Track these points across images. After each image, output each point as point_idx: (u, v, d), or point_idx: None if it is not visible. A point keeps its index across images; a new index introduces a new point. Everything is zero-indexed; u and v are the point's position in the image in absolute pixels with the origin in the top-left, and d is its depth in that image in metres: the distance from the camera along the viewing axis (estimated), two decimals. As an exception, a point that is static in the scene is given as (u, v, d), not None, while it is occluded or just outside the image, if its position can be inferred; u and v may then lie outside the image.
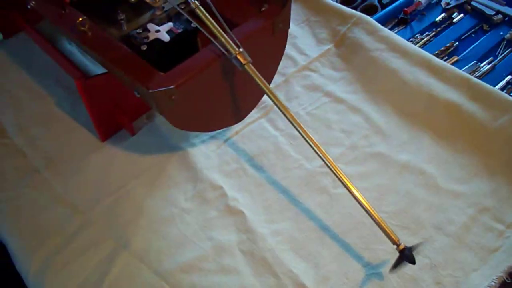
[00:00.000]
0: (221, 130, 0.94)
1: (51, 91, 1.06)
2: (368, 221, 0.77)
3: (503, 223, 0.79)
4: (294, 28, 1.11)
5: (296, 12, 1.14)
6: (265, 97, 0.96)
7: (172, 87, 0.70)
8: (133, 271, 0.79)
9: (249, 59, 0.71)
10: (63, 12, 0.86)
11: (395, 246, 0.70)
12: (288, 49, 1.07)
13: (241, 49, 0.71)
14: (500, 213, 0.80)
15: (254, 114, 0.97)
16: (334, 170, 0.72)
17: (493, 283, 0.73)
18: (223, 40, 0.71)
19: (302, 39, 1.09)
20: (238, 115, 0.87)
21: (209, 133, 0.94)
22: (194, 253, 0.80)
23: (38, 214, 0.86)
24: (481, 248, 0.77)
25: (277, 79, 1.02)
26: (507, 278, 0.74)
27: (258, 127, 0.95)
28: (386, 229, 0.69)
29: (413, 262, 0.70)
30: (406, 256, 0.69)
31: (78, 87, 0.87)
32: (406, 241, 0.74)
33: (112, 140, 0.96)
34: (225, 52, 0.72)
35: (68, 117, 1.01)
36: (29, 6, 0.89)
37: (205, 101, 0.79)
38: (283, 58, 0.97)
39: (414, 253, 0.70)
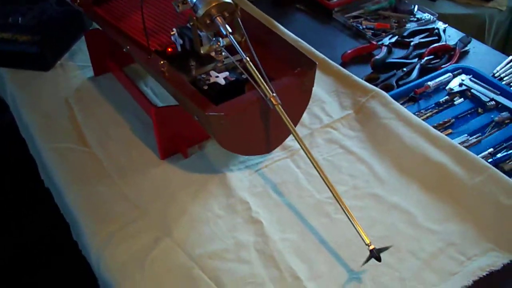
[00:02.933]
0: (255, 161, 1.17)
1: (128, 120, 1.31)
2: (357, 240, 0.96)
3: (465, 255, 0.96)
4: (324, 96, 1.35)
5: (328, 83, 1.38)
6: (292, 143, 1.20)
7: (222, 114, 0.95)
8: (171, 253, 0.98)
9: (280, 102, 0.95)
10: (149, 57, 1.13)
11: (367, 247, 0.89)
12: (317, 110, 1.31)
13: (274, 94, 0.95)
14: (464, 249, 0.97)
15: (282, 155, 1.19)
16: (337, 199, 0.93)
17: (447, 296, 0.90)
18: (262, 86, 0.96)
19: (329, 104, 1.32)
20: (269, 146, 1.10)
21: (245, 163, 1.17)
22: (219, 246, 1.00)
23: (105, 206, 1.08)
24: (443, 271, 0.94)
25: (304, 131, 1.24)
26: (459, 295, 0.91)
27: (283, 164, 1.17)
28: (362, 232, 0.89)
29: (379, 260, 0.89)
30: (374, 254, 0.88)
31: (151, 113, 1.13)
32: (384, 258, 0.93)
33: (169, 160, 1.19)
34: (263, 95, 0.97)
35: (139, 140, 1.25)
36: (125, 50, 1.17)
37: (245, 130, 1.02)
38: (311, 116, 1.22)
39: (380, 254, 0.89)
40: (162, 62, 1.07)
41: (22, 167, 1.63)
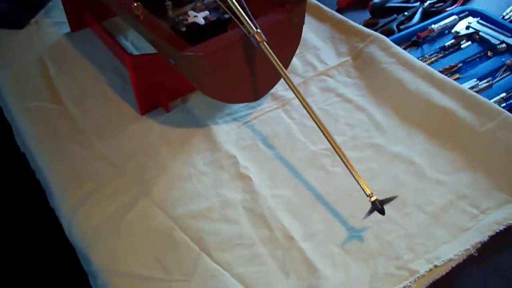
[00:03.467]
0: (243, 113, 1.05)
1: (107, 76, 1.19)
2: (358, 194, 0.85)
3: (478, 208, 0.85)
4: (319, 43, 1.23)
5: (323, 30, 1.26)
6: (284, 92, 1.08)
7: (200, 54, 0.82)
8: (150, 214, 0.88)
9: (265, 39, 0.83)
10: (123, 1, 1.01)
11: (368, 199, 0.78)
12: (311, 58, 1.19)
13: (258, 30, 0.83)
14: (476, 201, 0.86)
15: (273, 105, 1.08)
16: (334, 147, 0.82)
17: (460, 253, 0.79)
18: (244, 22, 0.83)
19: (324, 51, 1.20)
20: (256, 93, 0.98)
21: (232, 115, 1.05)
22: (203, 205, 0.89)
23: (79, 164, 0.97)
24: (454, 227, 0.83)
25: (296, 80, 1.12)
26: (474, 252, 0.80)
27: (275, 115, 1.06)
28: (362, 183, 0.78)
29: (382, 213, 0.78)
30: (376, 206, 0.77)
31: (127, 62, 1.00)
32: (388, 213, 0.82)
33: (150, 115, 1.07)
34: (246, 32, 0.84)
35: (117, 96, 1.13)
36: None
37: (228, 74, 0.90)
38: (304, 64, 1.10)
39: (384, 206, 0.78)
40: (135, 4, 0.94)
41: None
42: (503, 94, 1.04)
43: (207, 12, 0.95)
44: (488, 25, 1.22)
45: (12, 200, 1.66)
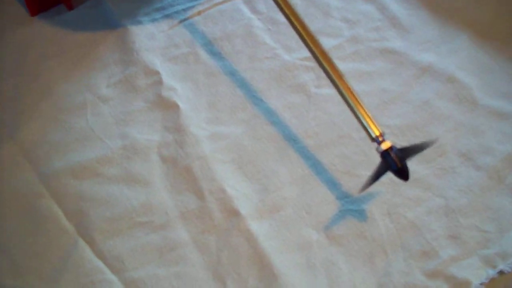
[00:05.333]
0: (180, 7, 0.65)
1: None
2: (358, 135, 0.47)
3: None
4: None
5: None
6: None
7: None
8: (12, 168, 0.53)
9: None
10: None
11: (375, 145, 0.39)
12: None
13: None
14: None
15: (229, -8, 0.66)
16: (321, 59, 0.42)
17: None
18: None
19: None
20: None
21: (164, 10, 0.65)
22: (96, 153, 0.53)
23: None
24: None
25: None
26: None
27: (230, 7, 0.65)
28: (365, 115, 0.38)
29: (403, 175, 0.38)
30: (389, 161, 0.38)
31: None
32: (414, 170, 0.43)
33: (44, 15, 0.70)
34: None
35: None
36: None
37: None
38: None
39: (407, 160, 0.38)
40: None
41: None
42: None
43: None
44: None
45: None
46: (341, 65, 0.54)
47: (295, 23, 0.48)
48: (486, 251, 0.43)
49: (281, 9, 0.48)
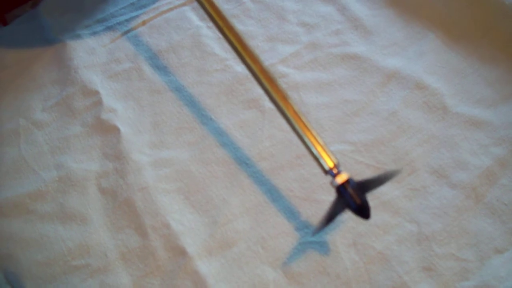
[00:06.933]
0: (123, 17, 0.58)
1: None
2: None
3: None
4: None
5: None
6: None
7: None
8: None
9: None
10: None
11: (329, 178, 0.33)
12: None
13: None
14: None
15: (175, 0, 0.60)
16: (260, 77, 0.36)
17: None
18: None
19: None
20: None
21: (106, 22, 0.58)
22: (28, 187, 0.46)
23: None
24: (513, 213, 0.39)
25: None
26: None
27: (177, 16, 0.59)
28: (315, 143, 0.33)
29: (365, 213, 0.33)
30: (347, 197, 0.32)
31: None
32: (382, 192, 0.37)
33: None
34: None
35: None
36: None
37: None
38: None
39: (367, 193, 0.33)
40: None
41: None
42: None
43: None
44: None
45: None
46: (298, 75, 0.49)
47: (225, 30, 0.42)
48: (466, 283, 0.37)
49: (210, 16, 0.42)
